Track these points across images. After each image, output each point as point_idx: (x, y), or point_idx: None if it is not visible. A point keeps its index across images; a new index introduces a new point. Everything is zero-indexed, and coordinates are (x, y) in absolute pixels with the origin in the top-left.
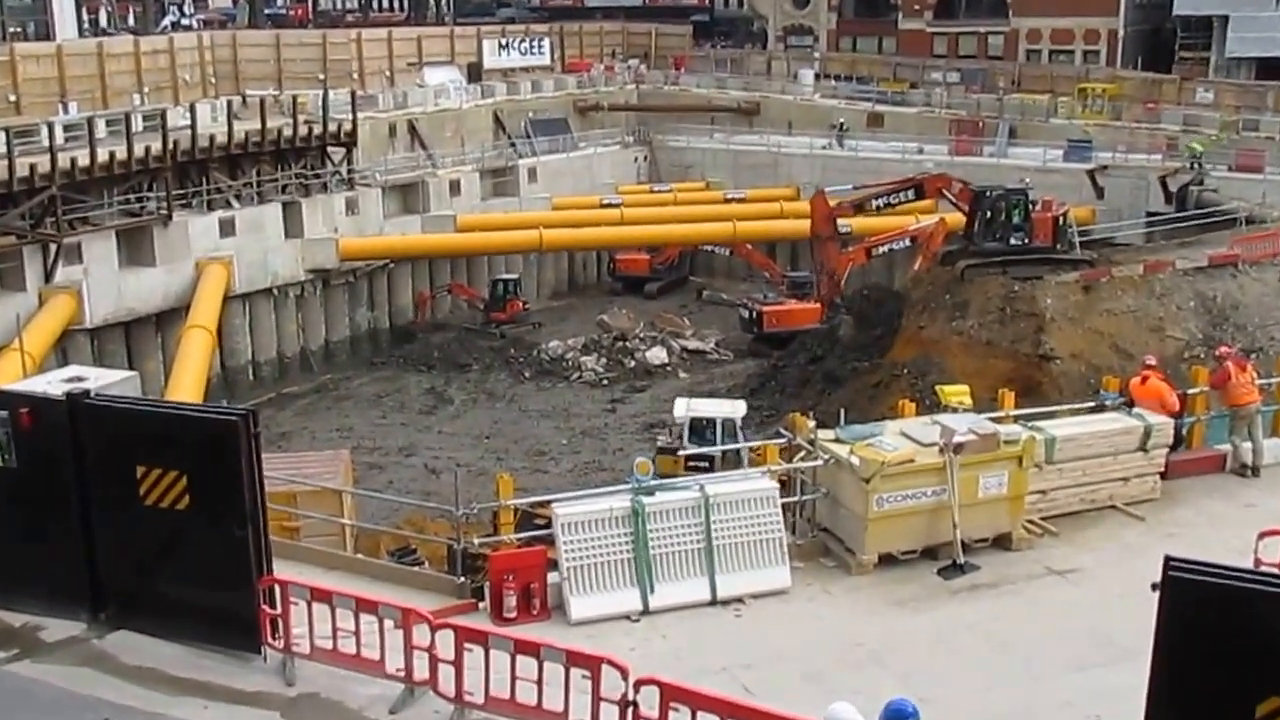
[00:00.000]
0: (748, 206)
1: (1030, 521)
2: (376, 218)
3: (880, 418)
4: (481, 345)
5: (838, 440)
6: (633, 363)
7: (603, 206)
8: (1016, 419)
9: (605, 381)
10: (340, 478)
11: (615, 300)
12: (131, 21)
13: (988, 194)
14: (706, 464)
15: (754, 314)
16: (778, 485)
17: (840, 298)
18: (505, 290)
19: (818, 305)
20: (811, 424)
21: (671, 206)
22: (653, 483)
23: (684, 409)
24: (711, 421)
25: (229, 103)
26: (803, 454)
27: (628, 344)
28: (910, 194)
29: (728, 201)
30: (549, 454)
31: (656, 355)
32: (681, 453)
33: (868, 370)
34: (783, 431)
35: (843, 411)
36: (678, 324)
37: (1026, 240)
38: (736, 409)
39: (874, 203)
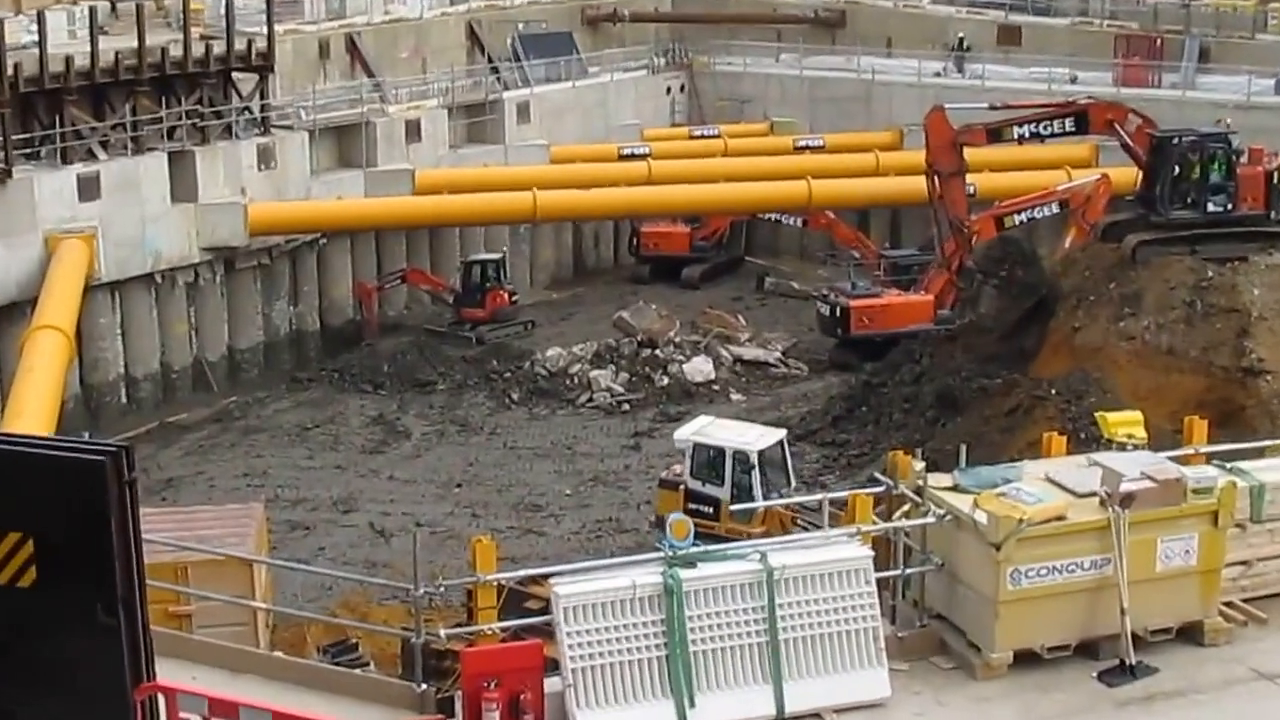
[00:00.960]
0: (829, 158)
1: (1228, 605)
2: (302, 174)
3: (1017, 457)
4: (450, 355)
5: (956, 489)
6: (665, 380)
7: (622, 158)
8: (1210, 459)
9: (626, 407)
10: (250, 542)
11: (640, 291)
12: None
13: (1175, 141)
14: (709, 508)
15: (838, 311)
16: (871, 554)
17: (970, 264)
18: (484, 277)
19: (927, 298)
20: (919, 465)
21: (720, 158)
22: (694, 550)
23: (690, 431)
24: (720, 453)
25: (92, 10)
26: (907, 508)
27: (658, 353)
28: (1069, 124)
29: (800, 151)
30: (546, 509)
31: (699, 369)
32: (683, 487)
33: (999, 390)
34: (878, 477)
35: (964, 448)
36: (729, 324)
37: (1229, 207)
38: (763, 438)
39: (1017, 131)
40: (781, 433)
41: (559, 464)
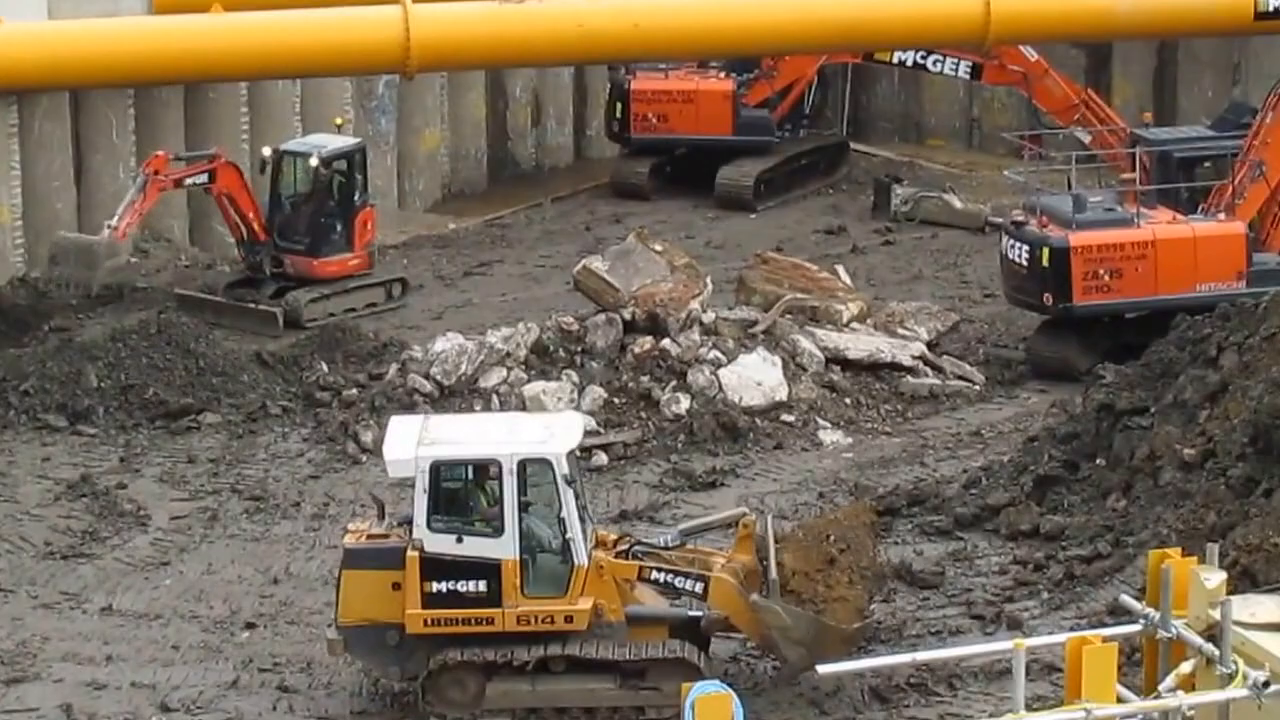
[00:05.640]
0: None
1: None
2: None
3: None
4: (233, 353)
5: None
6: (681, 402)
7: None
8: None
9: (599, 460)
10: None
11: (629, 215)
12: None
13: None
14: (477, 584)
15: (1046, 254)
16: None
17: None
18: (316, 189)
19: (1235, 229)
20: (1214, 578)
21: None
22: None
23: (411, 443)
24: (487, 470)
25: None
26: (1190, 667)
27: (666, 345)
28: None
29: None
30: None
31: (753, 379)
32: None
33: None
34: (1127, 603)
35: None
36: (817, 284)
37: None
38: (562, 429)
39: None
40: (579, 418)
41: None
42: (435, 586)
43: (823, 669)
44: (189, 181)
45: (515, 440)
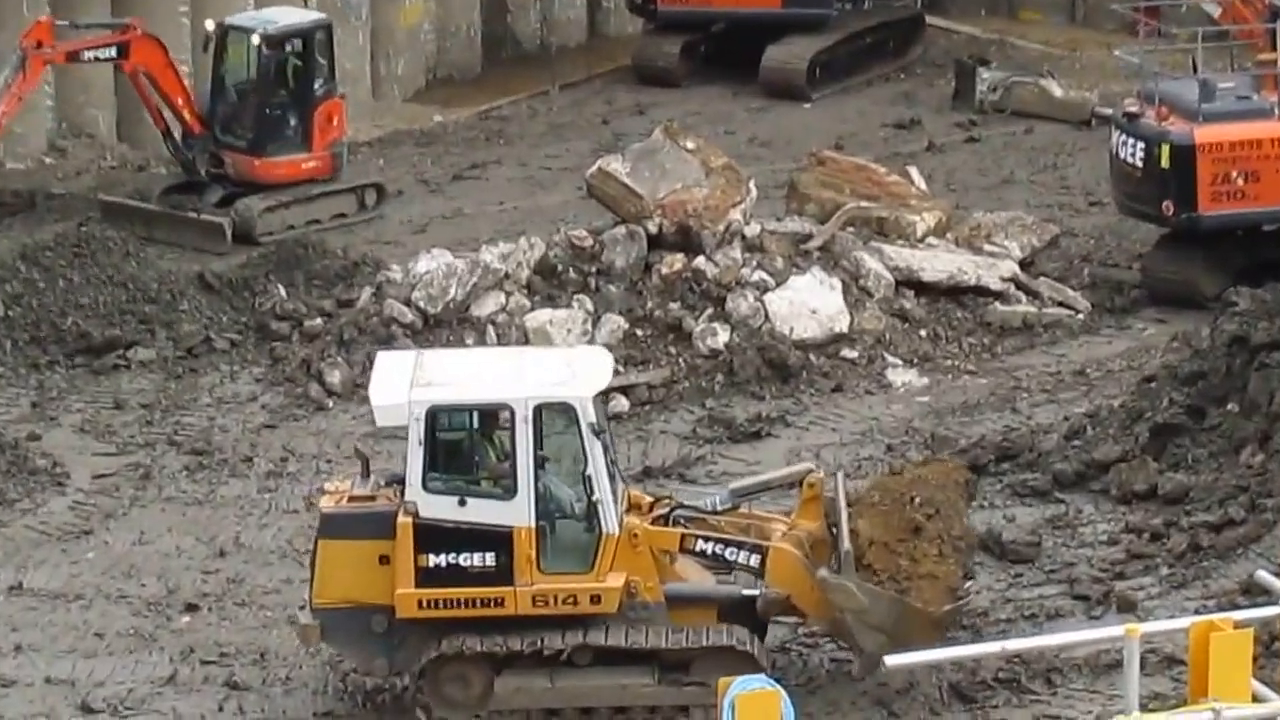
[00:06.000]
0: None
1: None
2: None
3: None
4: (167, 275)
5: None
6: (716, 334)
7: None
8: None
9: (620, 406)
10: None
11: (654, 104)
12: None
13: None
14: (486, 557)
15: (1164, 153)
16: None
17: None
18: (260, 68)
19: None
20: None
21: None
22: None
23: (401, 386)
24: (479, 416)
25: None
26: None
27: (700, 264)
28: None
29: None
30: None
31: (805, 306)
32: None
33: None
34: (1265, 579)
35: None
36: (884, 188)
37: None
38: (586, 366)
39: None
40: (606, 354)
41: None
42: (433, 560)
43: (891, 661)
44: (90, 56)
45: (531, 381)
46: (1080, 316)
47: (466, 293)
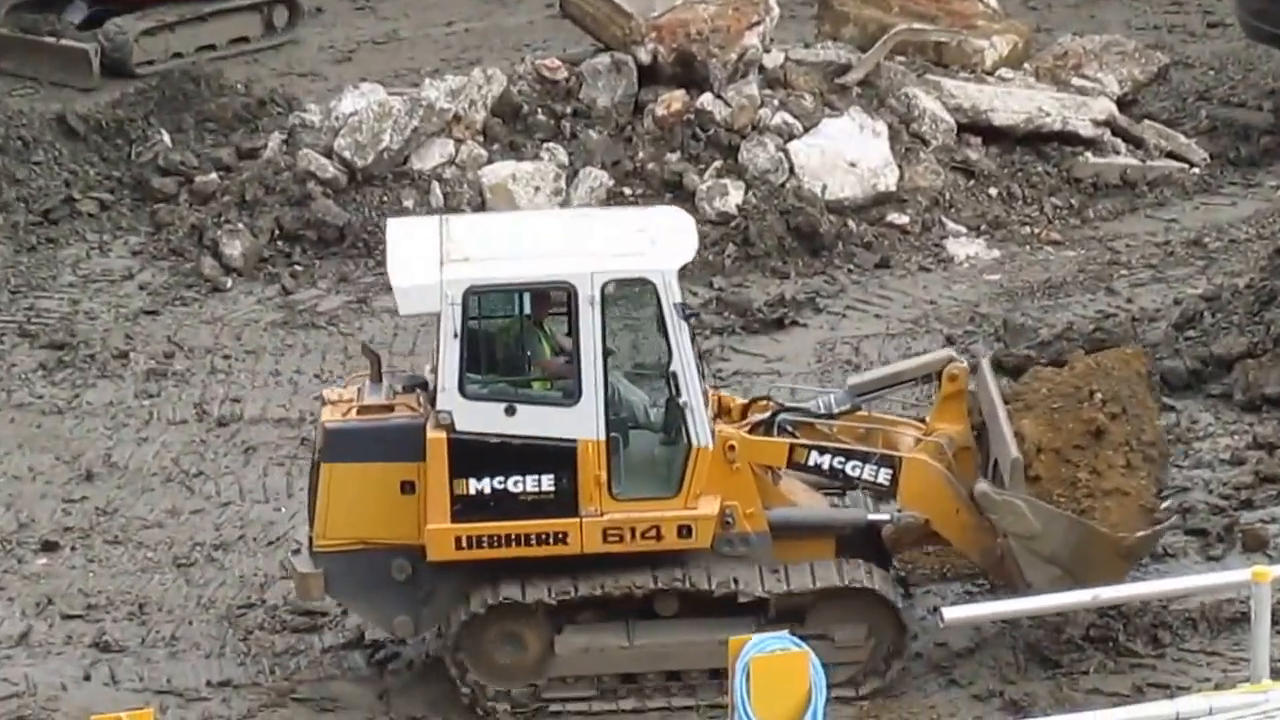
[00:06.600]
0: None
1: None
2: None
3: None
4: (24, 115)
5: None
6: (730, 192)
7: None
8: None
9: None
10: None
11: None
12: None
13: None
14: (545, 481)
15: None
16: None
17: None
18: None
19: None
20: None
21: None
22: None
23: (424, 246)
24: (531, 299)
25: None
26: None
27: (706, 105)
28: None
29: None
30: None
31: (841, 156)
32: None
33: None
34: None
35: None
36: (956, 9)
37: None
38: (665, 231)
39: None
40: (687, 217)
41: None
42: (473, 486)
43: (949, 614)
44: None
45: (597, 251)
46: (1195, 171)
47: (404, 140)
